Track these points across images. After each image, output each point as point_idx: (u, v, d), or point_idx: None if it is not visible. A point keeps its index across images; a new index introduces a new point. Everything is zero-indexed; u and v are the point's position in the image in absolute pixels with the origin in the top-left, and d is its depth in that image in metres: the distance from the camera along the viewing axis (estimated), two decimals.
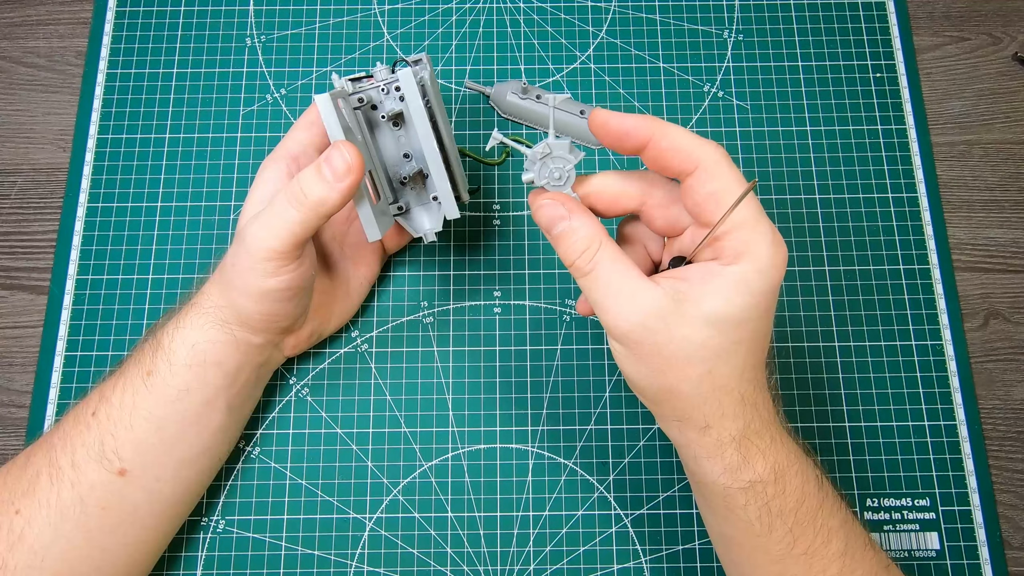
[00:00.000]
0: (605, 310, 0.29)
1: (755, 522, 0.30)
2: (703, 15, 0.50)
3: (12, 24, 0.50)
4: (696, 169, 0.28)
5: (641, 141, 0.29)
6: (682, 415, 0.29)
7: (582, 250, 0.29)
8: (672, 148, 0.29)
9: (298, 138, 0.38)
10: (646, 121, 0.29)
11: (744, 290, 0.27)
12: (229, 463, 0.41)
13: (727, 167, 0.28)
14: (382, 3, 0.50)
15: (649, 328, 0.28)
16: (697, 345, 0.28)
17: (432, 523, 0.40)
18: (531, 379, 0.43)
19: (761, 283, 0.28)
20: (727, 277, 0.28)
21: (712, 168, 0.28)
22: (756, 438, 0.29)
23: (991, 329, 0.45)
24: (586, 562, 0.40)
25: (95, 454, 0.33)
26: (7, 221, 0.46)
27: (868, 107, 0.48)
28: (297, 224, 0.32)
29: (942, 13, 0.51)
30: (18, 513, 0.32)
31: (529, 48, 0.49)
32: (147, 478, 0.35)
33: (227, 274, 0.35)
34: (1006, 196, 0.47)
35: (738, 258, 0.28)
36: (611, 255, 0.29)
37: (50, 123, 0.48)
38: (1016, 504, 0.41)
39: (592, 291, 0.29)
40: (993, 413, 0.43)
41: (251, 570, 0.40)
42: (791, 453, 0.30)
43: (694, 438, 0.30)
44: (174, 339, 0.35)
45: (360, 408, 0.42)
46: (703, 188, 0.28)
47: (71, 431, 0.34)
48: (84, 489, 0.33)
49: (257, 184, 0.37)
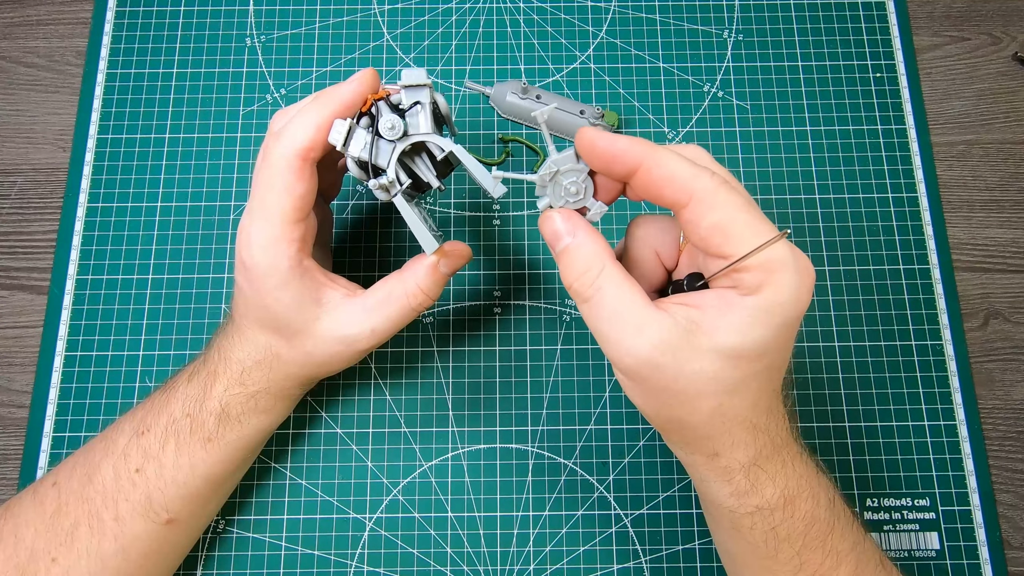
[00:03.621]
0: (609, 342, 0.27)
1: (761, 544, 0.29)
2: (703, 15, 0.50)
3: (12, 24, 0.50)
4: (691, 201, 0.26)
5: (630, 167, 0.27)
6: (691, 444, 0.29)
7: (583, 271, 0.27)
8: (664, 178, 0.26)
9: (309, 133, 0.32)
10: (636, 145, 0.26)
11: (764, 323, 0.25)
12: None
13: (726, 194, 0.26)
14: (382, 3, 0.50)
15: (657, 364, 0.26)
16: (709, 379, 0.26)
17: (432, 523, 0.40)
18: (531, 379, 0.43)
19: (782, 316, 0.25)
20: (746, 309, 0.25)
21: (709, 199, 0.26)
22: (766, 463, 0.28)
23: (991, 329, 0.45)
24: (586, 562, 0.40)
25: (141, 508, 0.33)
26: (7, 221, 0.46)
27: (868, 107, 0.48)
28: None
29: (942, 13, 0.51)
30: (54, 561, 0.32)
31: (529, 48, 0.49)
32: (190, 521, 0.35)
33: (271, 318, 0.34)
34: (1006, 196, 0.47)
35: (759, 289, 0.25)
36: (616, 279, 0.27)
37: (50, 123, 0.48)
38: (1016, 504, 0.41)
39: (594, 319, 0.27)
40: (993, 413, 0.43)
41: (251, 570, 0.40)
42: (803, 476, 0.29)
43: (702, 462, 0.29)
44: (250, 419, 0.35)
45: (360, 408, 0.42)
46: (704, 221, 0.26)
47: (111, 486, 0.33)
48: (127, 540, 0.33)
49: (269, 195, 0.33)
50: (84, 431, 0.42)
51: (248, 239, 0.32)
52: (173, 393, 0.35)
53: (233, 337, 0.35)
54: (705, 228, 0.26)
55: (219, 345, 0.35)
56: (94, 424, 0.42)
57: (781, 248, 0.25)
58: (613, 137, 0.27)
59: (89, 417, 0.42)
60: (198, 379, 0.35)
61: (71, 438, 0.42)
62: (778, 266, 0.25)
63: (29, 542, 0.32)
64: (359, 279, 0.44)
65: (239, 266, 0.33)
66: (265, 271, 0.32)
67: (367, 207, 0.46)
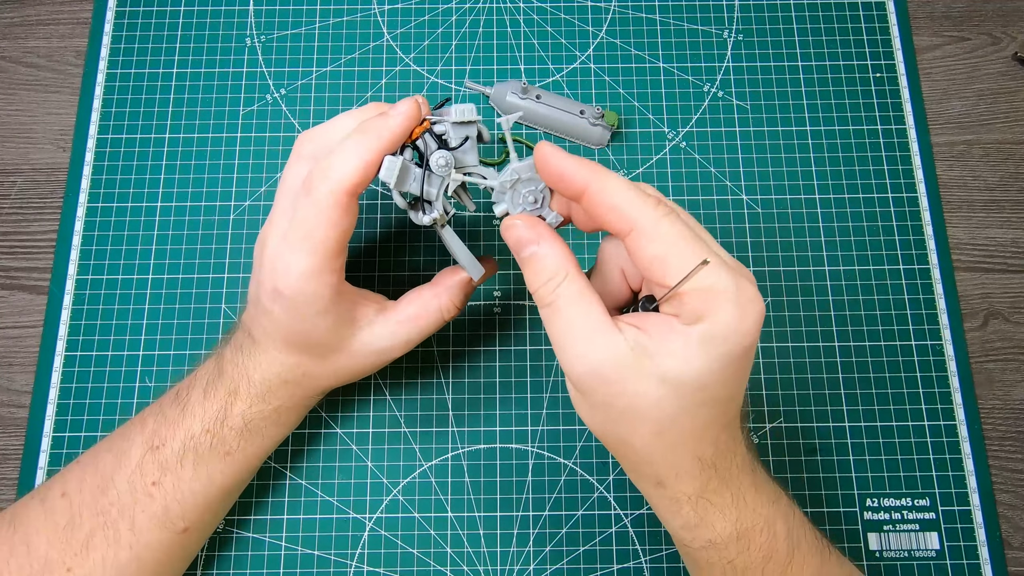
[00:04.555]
0: (562, 349, 0.27)
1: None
2: (703, 15, 0.50)
3: (12, 24, 0.50)
4: (632, 231, 0.26)
5: (577, 189, 0.27)
6: (634, 468, 0.29)
7: (547, 279, 0.27)
8: (607, 205, 0.26)
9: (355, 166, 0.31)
10: (584, 168, 0.27)
11: (703, 354, 0.25)
12: None
13: (669, 225, 0.26)
14: (382, 3, 0.50)
15: (603, 377, 0.26)
16: (650, 403, 0.26)
17: (432, 523, 0.40)
18: (531, 379, 0.43)
19: (723, 348, 0.25)
20: (685, 338, 0.25)
21: (651, 230, 0.26)
22: (715, 496, 0.28)
23: (991, 329, 0.45)
24: (586, 562, 0.40)
25: (158, 519, 0.33)
26: (7, 221, 0.46)
27: (868, 107, 0.48)
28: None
29: (942, 13, 0.51)
30: (70, 571, 0.32)
31: (529, 48, 0.49)
32: (205, 530, 0.36)
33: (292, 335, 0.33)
34: (1006, 196, 0.47)
35: (699, 319, 0.25)
36: (576, 290, 0.27)
37: (50, 123, 0.48)
38: (1016, 504, 0.41)
39: (550, 325, 0.27)
40: (993, 413, 0.43)
41: (251, 570, 0.40)
42: (757, 507, 0.29)
43: (649, 492, 0.29)
44: (272, 432, 0.36)
45: (360, 408, 0.42)
46: (645, 252, 0.26)
47: (127, 500, 0.33)
48: (142, 548, 0.33)
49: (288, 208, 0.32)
50: (84, 431, 0.42)
51: (287, 268, 0.31)
52: (189, 407, 0.34)
53: (256, 356, 0.34)
54: (646, 258, 0.26)
55: (235, 361, 0.35)
56: (94, 424, 0.42)
57: (723, 278, 0.25)
58: (565, 157, 0.27)
59: (89, 417, 0.42)
60: (216, 396, 0.34)
61: (71, 438, 0.42)
62: (717, 297, 0.25)
63: (42, 552, 0.32)
64: (371, 282, 0.44)
65: (272, 293, 0.31)
66: (307, 300, 0.31)
67: (370, 206, 0.46)
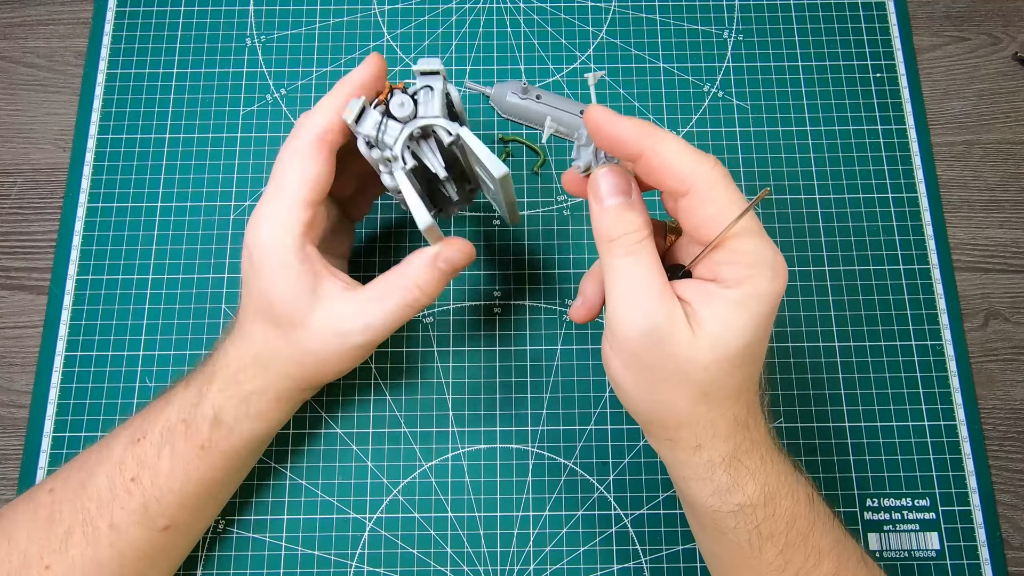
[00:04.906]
0: (628, 301, 0.27)
1: (745, 544, 0.29)
2: (703, 15, 0.50)
3: (12, 24, 0.50)
4: (690, 192, 0.27)
5: (634, 151, 0.28)
6: (674, 435, 0.29)
7: (634, 230, 0.28)
8: (665, 166, 0.27)
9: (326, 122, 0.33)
10: (641, 129, 0.28)
11: (745, 313, 0.27)
12: None
13: (723, 189, 0.27)
14: (382, 3, 0.50)
15: (658, 337, 0.27)
16: (699, 367, 0.27)
17: (432, 523, 0.40)
18: (531, 379, 0.43)
19: (760, 307, 0.27)
20: (727, 300, 0.27)
21: (707, 192, 0.27)
22: (746, 458, 0.29)
23: (991, 329, 0.45)
24: (586, 562, 0.40)
25: (138, 516, 0.33)
26: (7, 221, 0.46)
27: (868, 107, 0.48)
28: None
29: (942, 13, 0.51)
30: (48, 568, 0.32)
31: (529, 48, 0.49)
32: (188, 527, 0.35)
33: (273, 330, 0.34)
34: (1006, 196, 0.47)
35: (740, 283, 0.27)
36: (653, 249, 0.28)
37: (50, 123, 0.48)
38: (1016, 504, 0.41)
39: (623, 275, 0.28)
40: (993, 413, 0.43)
41: (251, 570, 0.40)
42: (781, 474, 0.30)
43: (684, 459, 0.29)
44: (240, 426, 0.34)
45: (360, 408, 0.42)
46: (699, 212, 0.27)
47: (106, 494, 0.33)
48: (123, 545, 0.33)
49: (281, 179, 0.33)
50: (84, 431, 0.42)
51: (256, 220, 0.33)
52: (171, 398, 0.35)
53: (233, 334, 0.35)
54: (700, 219, 0.27)
55: (219, 346, 0.35)
56: (94, 424, 0.42)
57: (761, 244, 0.27)
58: (618, 120, 0.28)
59: (89, 417, 0.42)
60: (195, 383, 0.35)
61: (71, 438, 0.42)
62: (758, 261, 0.27)
63: (22, 547, 0.32)
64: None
65: (244, 252, 0.33)
66: (266, 248, 0.32)
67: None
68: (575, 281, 0.44)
